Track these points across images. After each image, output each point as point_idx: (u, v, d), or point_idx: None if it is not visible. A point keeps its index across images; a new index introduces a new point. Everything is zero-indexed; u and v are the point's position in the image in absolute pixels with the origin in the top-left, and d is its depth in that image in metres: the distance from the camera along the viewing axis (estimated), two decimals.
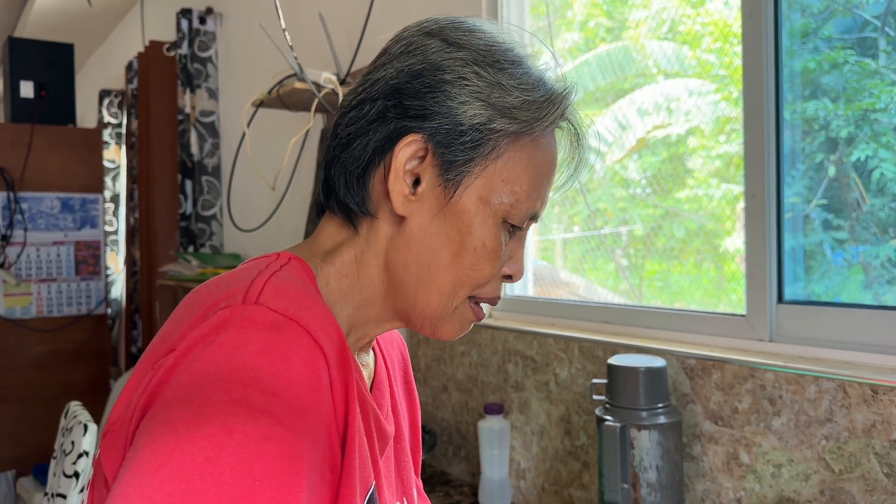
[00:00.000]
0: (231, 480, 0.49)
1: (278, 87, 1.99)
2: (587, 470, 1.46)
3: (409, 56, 0.68)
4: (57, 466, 1.59)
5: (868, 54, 1.20)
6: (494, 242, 0.69)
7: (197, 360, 0.54)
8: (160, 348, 0.59)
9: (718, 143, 1.47)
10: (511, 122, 0.67)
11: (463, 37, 0.68)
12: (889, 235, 1.17)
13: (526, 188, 0.69)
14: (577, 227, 1.80)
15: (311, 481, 0.54)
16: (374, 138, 0.68)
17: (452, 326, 0.72)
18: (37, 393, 3.28)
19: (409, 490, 0.83)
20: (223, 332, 0.56)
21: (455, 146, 0.66)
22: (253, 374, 0.53)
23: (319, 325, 0.59)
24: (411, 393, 0.91)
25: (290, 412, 0.53)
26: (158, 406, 0.53)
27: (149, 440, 0.51)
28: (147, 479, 0.49)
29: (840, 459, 1.07)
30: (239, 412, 0.51)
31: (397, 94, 0.67)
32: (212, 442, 0.50)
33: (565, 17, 1.82)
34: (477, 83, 0.66)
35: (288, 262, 0.68)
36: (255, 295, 0.59)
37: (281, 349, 0.56)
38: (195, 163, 3.23)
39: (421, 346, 1.95)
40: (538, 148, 0.70)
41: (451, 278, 0.69)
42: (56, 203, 3.39)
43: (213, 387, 0.52)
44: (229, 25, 3.26)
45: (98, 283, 3.50)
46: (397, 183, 0.67)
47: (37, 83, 3.41)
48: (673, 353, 1.29)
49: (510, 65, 0.68)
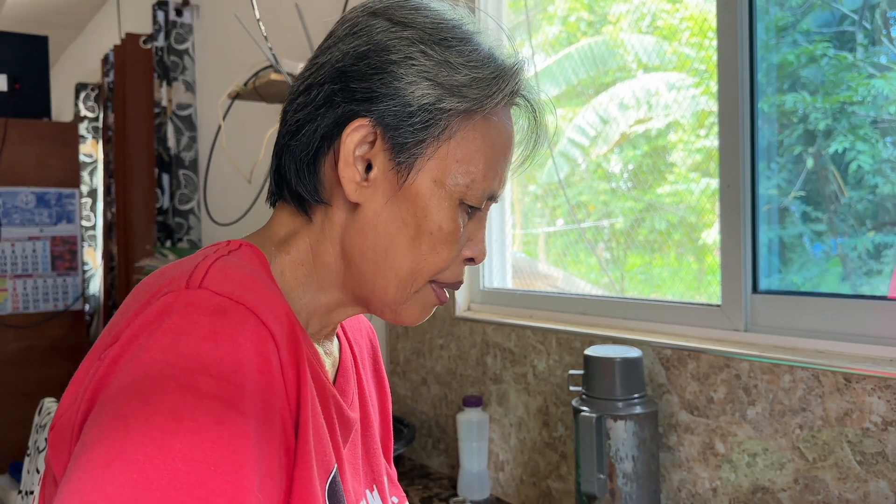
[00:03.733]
0: (185, 467, 0.48)
1: (254, 79, 1.97)
2: (565, 461, 1.46)
3: (355, 37, 0.67)
4: (31, 464, 1.57)
5: (846, 48, 1.21)
6: (452, 225, 0.67)
7: (142, 349, 0.53)
8: (106, 339, 0.58)
9: (698, 137, 1.47)
10: (461, 101, 0.65)
11: (409, 15, 0.67)
12: (866, 227, 1.18)
13: (482, 167, 0.67)
14: (561, 220, 1.80)
15: (267, 464, 0.54)
16: (322, 124, 0.66)
17: (414, 311, 0.71)
18: (13, 390, 3.25)
19: (379, 478, 0.82)
20: (167, 319, 0.54)
21: (404, 128, 0.65)
22: (200, 359, 0.52)
23: (267, 308, 0.58)
24: (381, 381, 0.90)
25: (240, 395, 0.52)
26: (106, 398, 0.52)
27: (98, 433, 0.50)
28: (99, 472, 0.48)
29: (814, 448, 1.07)
30: (188, 399, 0.50)
31: (343, 77, 0.66)
32: (162, 431, 0.49)
33: (546, 11, 1.81)
34: (424, 62, 0.65)
35: (239, 248, 0.66)
36: (198, 279, 0.58)
37: (227, 332, 0.54)
38: (172, 156, 3.19)
39: (400, 340, 1.94)
40: (491, 126, 0.68)
41: (409, 264, 0.67)
42: (31, 198, 3.35)
43: (161, 375, 0.51)
44: (206, 17, 3.23)
45: (75, 279, 3.46)
46: (347, 169, 0.66)
47: (10, 76, 3.36)
48: (649, 343, 1.29)
49: (458, 42, 0.66)
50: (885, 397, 0.99)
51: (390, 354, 1.98)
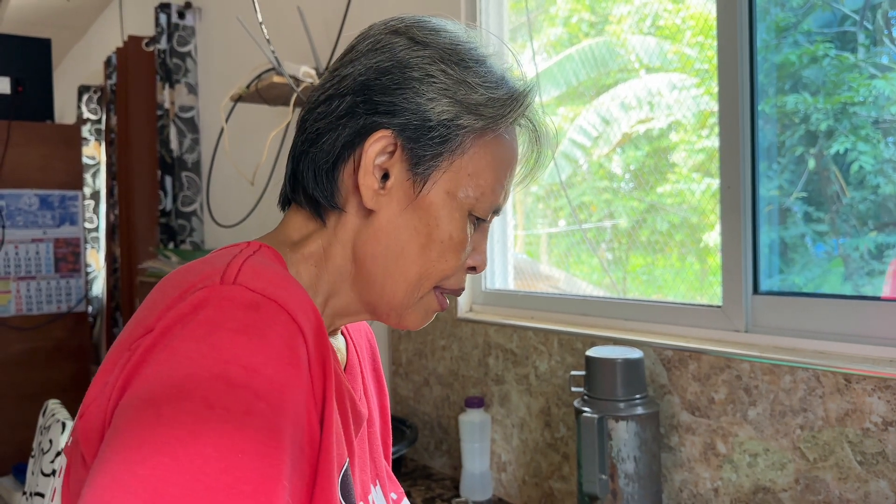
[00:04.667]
0: (215, 454, 0.50)
1: (257, 82, 1.97)
2: (567, 462, 1.46)
3: (377, 53, 0.70)
4: (35, 465, 1.57)
5: (847, 48, 1.21)
6: (461, 235, 0.71)
7: (176, 339, 0.55)
8: (136, 331, 0.59)
9: (700, 137, 1.47)
10: (477, 119, 0.69)
11: (429, 35, 0.71)
12: (868, 228, 1.18)
13: (491, 182, 0.71)
14: (563, 221, 1.80)
15: (293, 455, 0.55)
16: (343, 133, 0.69)
17: (417, 316, 0.74)
18: (16, 391, 3.25)
19: (381, 474, 0.84)
20: (202, 311, 0.56)
21: (423, 141, 0.68)
22: (232, 350, 0.54)
23: (297, 304, 0.60)
24: (380, 381, 0.92)
25: (270, 387, 0.54)
26: (138, 384, 0.54)
27: (130, 418, 0.51)
28: (130, 454, 0.49)
29: (814, 448, 1.08)
30: (219, 387, 0.52)
31: (366, 90, 0.69)
32: (193, 417, 0.51)
33: (548, 12, 1.82)
34: (444, 80, 0.69)
35: (259, 248, 0.69)
36: (232, 275, 0.60)
37: (259, 327, 0.56)
38: (175, 159, 3.20)
39: (402, 342, 1.95)
40: (501, 144, 0.72)
41: (418, 270, 0.71)
42: (35, 200, 3.36)
43: (194, 364, 0.53)
44: (208, 20, 3.23)
45: (78, 281, 3.47)
46: (367, 177, 0.69)
47: (14, 79, 3.37)
48: (650, 344, 1.29)
49: (474, 63, 0.70)
50: (885, 397, 1.00)
51: (392, 356, 1.98)
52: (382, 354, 2.00)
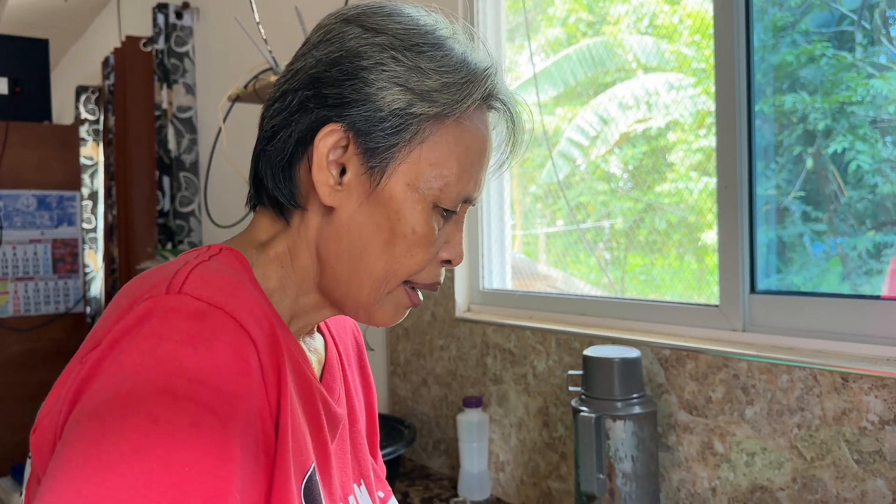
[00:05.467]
0: (160, 468, 0.49)
1: (254, 82, 1.97)
2: (565, 461, 1.46)
3: (328, 44, 0.68)
4: None
5: (845, 48, 1.21)
6: (425, 228, 0.68)
7: (122, 353, 0.54)
8: (89, 343, 0.59)
9: (698, 136, 1.47)
10: (431, 105, 0.66)
11: (381, 21, 0.68)
12: (866, 227, 1.18)
13: (455, 171, 0.68)
14: (561, 220, 1.80)
15: (244, 466, 0.54)
16: (296, 129, 0.67)
17: (386, 312, 0.72)
18: (14, 392, 3.25)
19: (366, 473, 0.83)
20: (147, 323, 0.55)
21: (376, 133, 0.66)
22: (178, 362, 0.53)
23: (247, 311, 0.59)
24: (367, 378, 0.91)
25: (217, 398, 0.53)
26: (86, 399, 0.53)
27: (76, 434, 0.51)
28: (76, 472, 0.48)
29: (812, 447, 1.08)
30: (165, 401, 0.51)
31: (316, 83, 0.67)
32: (138, 432, 0.50)
33: (546, 13, 1.82)
34: (395, 68, 0.66)
35: (219, 252, 0.67)
36: (178, 284, 0.59)
37: (206, 337, 0.55)
38: (173, 159, 3.20)
39: (400, 341, 1.95)
40: (464, 130, 0.69)
41: (383, 266, 0.68)
42: (32, 201, 3.35)
43: (139, 378, 0.52)
44: (206, 20, 3.23)
45: (76, 282, 3.47)
46: (321, 174, 0.67)
47: (11, 79, 3.36)
48: (648, 343, 1.29)
49: (430, 47, 0.67)
50: (882, 396, 1.00)
51: (391, 356, 1.98)
52: (380, 355, 2.00)
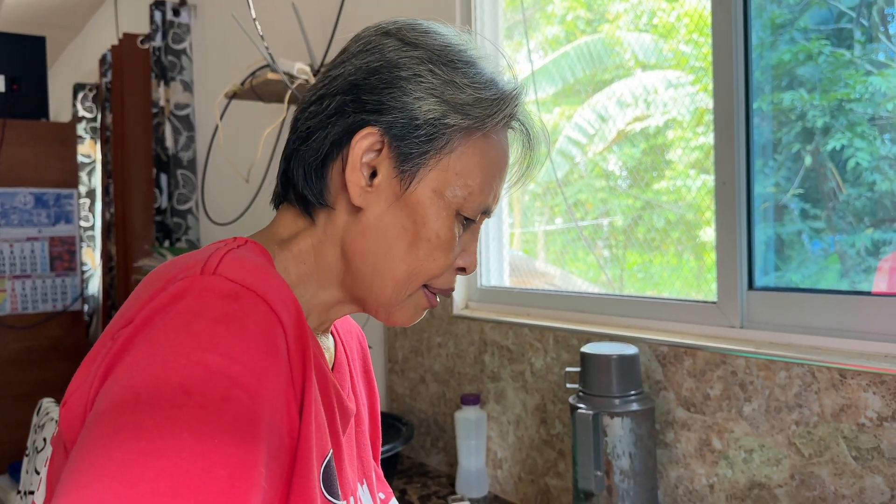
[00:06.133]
0: (190, 438, 0.50)
1: (251, 79, 1.97)
2: (563, 458, 1.46)
3: (367, 54, 0.71)
4: (29, 464, 1.57)
5: (843, 45, 1.21)
6: (448, 234, 0.72)
7: (156, 329, 0.56)
8: (119, 322, 0.60)
9: (696, 134, 1.47)
10: (464, 118, 0.70)
11: (419, 37, 0.72)
12: (864, 224, 1.18)
13: (479, 182, 0.72)
14: (559, 218, 1.80)
15: (270, 442, 0.56)
16: (332, 131, 0.71)
17: (406, 313, 0.75)
18: (12, 391, 3.25)
19: (368, 473, 0.85)
20: (181, 301, 0.57)
21: (410, 139, 0.69)
22: (211, 338, 0.55)
23: (277, 296, 0.61)
24: (370, 381, 0.93)
25: (247, 376, 0.55)
26: (118, 372, 0.55)
27: (109, 404, 0.52)
28: (108, 440, 0.50)
29: (810, 444, 1.08)
30: (197, 374, 0.53)
31: (355, 89, 0.70)
32: (171, 403, 0.51)
33: (544, 10, 1.82)
34: (431, 80, 0.70)
35: (245, 243, 0.70)
36: (213, 266, 0.61)
37: (238, 316, 0.57)
38: (170, 156, 3.19)
39: (398, 338, 1.94)
40: (490, 144, 0.73)
41: (406, 268, 0.71)
42: (29, 198, 3.35)
43: (173, 352, 0.54)
44: (203, 17, 3.23)
45: (74, 279, 3.46)
46: (354, 174, 0.70)
47: (8, 77, 3.36)
48: (645, 340, 1.29)
49: (463, 64, 0.71)
50: (879, 393, 1.00)
51: (389, 353, 1.98)
52: (378, 352, 2.00)
